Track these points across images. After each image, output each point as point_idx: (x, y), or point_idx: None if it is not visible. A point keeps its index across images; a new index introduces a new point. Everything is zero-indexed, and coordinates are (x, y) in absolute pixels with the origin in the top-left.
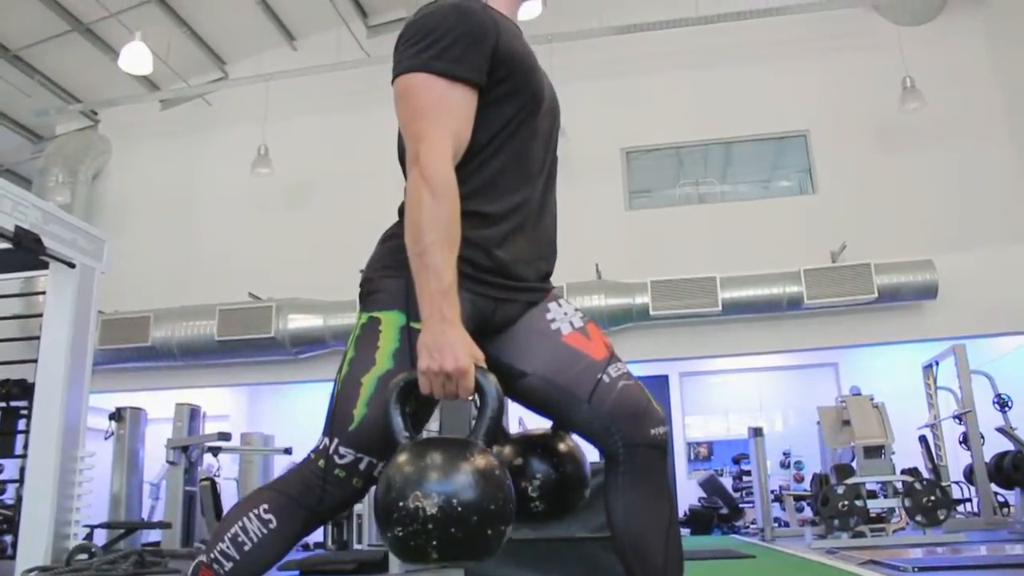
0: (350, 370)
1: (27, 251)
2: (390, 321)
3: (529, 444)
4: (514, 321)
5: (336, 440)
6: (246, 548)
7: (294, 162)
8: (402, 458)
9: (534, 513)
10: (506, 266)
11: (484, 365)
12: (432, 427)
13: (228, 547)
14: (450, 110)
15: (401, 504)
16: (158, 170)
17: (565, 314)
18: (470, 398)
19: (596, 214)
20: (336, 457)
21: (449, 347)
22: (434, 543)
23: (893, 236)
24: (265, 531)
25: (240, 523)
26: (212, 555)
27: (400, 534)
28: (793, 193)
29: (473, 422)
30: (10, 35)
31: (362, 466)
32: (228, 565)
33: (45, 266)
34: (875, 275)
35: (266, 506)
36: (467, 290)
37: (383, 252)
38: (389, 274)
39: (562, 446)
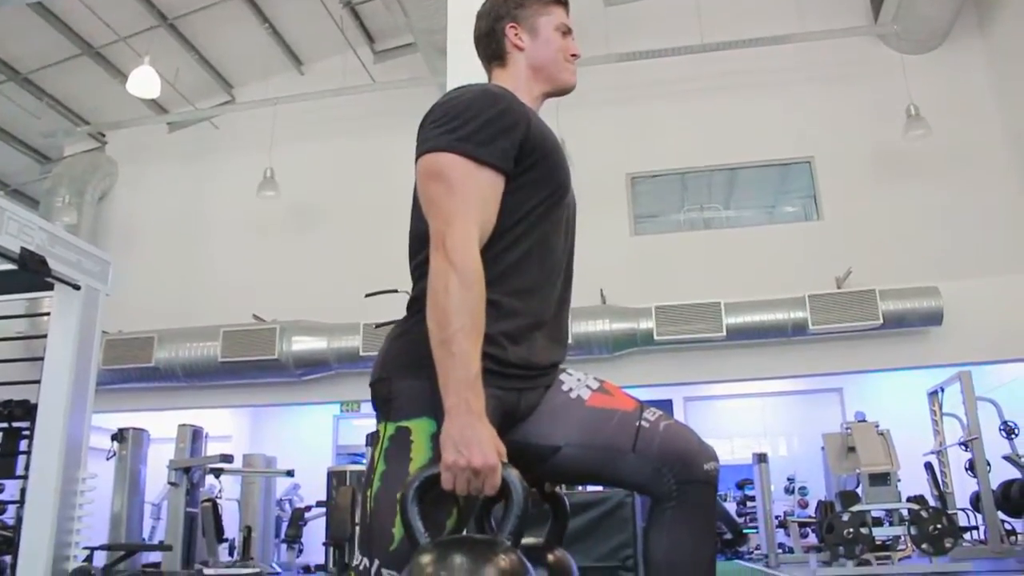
0: (383, 485)
1: (32, 272)
2: (420, 429)
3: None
4: (535, 406)
5: (377, 561)
6: None
7: (299, 185)
8: (426, 559)
9: None
10: (526, 359)
11: (507, 460)
12: None
13: None
14: (477, 193)
15: None
16: (164, 192)
17: (579, 380)
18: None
19: (601, 239)
20: None
21: (477, 441)
22: None
23: (898, 262)
24: None
25: None
26: None
27: None
28: (798, 219)
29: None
30: (21, 58)
31: None
32: None
33: (50, 287)
34: (880, 301)
35: None
36: (493, 386)
37: (397, 349)
38: (407, 375)
39: (551, 557)
